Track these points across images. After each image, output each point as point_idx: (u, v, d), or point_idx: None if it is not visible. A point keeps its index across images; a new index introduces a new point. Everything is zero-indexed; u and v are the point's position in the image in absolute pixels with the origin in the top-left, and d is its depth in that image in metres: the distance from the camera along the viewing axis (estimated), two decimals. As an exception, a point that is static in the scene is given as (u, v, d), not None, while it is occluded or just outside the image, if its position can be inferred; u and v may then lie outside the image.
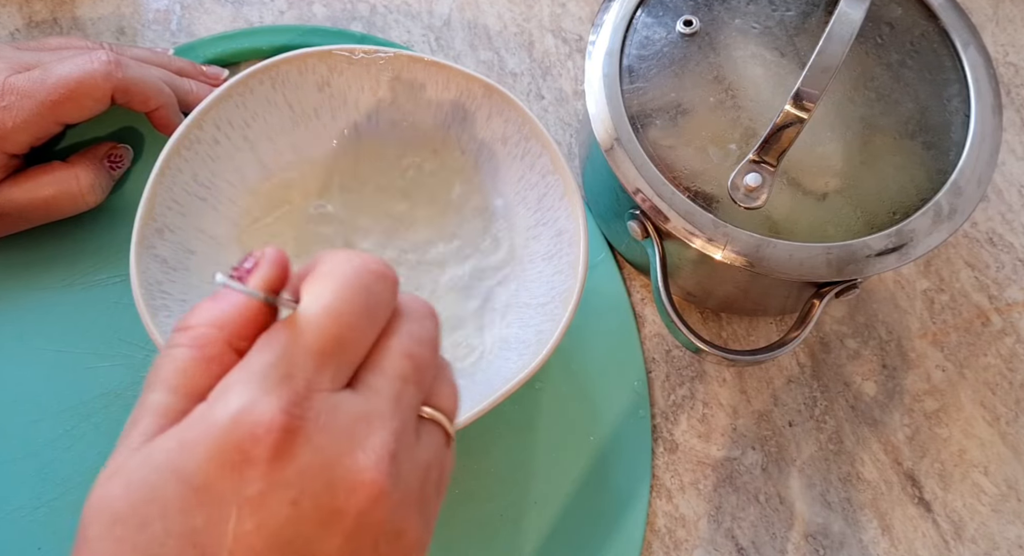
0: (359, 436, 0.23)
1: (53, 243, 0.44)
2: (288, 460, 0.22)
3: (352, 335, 0.23)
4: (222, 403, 0.22)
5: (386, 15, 0.52)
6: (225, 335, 0.24)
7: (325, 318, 0.23)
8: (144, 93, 0.41)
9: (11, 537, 0.39)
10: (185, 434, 0.22)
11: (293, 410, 0.22)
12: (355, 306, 0.23)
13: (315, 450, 0.22)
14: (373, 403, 0.23)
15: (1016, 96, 0.53)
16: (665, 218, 0.38)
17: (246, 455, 0.21)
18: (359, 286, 0.24)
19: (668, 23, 0.41)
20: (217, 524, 0.21)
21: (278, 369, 0.22)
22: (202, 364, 0.23)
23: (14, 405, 0.41)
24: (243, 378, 0.22)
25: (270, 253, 0.25)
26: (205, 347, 0.23)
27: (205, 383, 0.23)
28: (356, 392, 0.23)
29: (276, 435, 0.21)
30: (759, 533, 0.43)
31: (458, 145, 0.44)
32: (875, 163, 0.39)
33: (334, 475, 0.22)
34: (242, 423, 0.21)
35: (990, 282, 0.48)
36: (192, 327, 0.24)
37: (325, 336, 0.23)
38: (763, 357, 0.38)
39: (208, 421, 0.22)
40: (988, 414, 0.45)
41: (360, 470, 0.22)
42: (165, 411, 0.23)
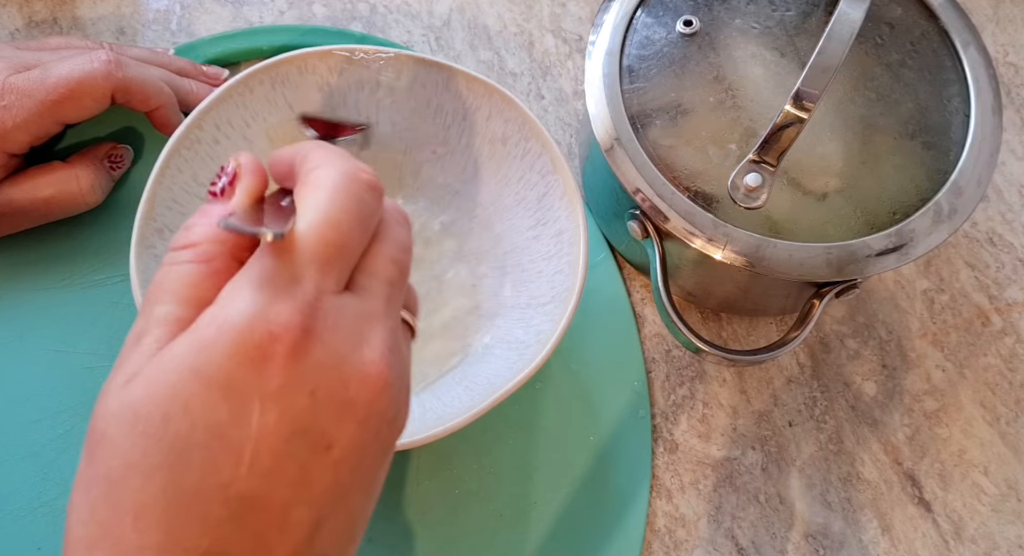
0: (363, 333, 0.24)
1: (53, 243, 0.44)
2: (304, 356, 0.23)
3: (349, 242, 0.25)
4: (235, 305, 0.23)
5: (386, 15, 0.52)
6: (227, 248, 0.25)
7: (325, 227, 0.24)
8: (144, 92, 0.41)
9: (11, 537, 0.39)
10: (200, 336, 0.23)
11: (306, 310, 0.23)
12: (350, 215, 0.25)
13: (327, 347, 0.23)
14: (370, 304, 0.25)
15: (1016, 96, 0.53)
16: (665, 218, 0.38)
17: (265, 352, 0.22)
18: (353, 195, 0.25)
19: (668, 23, 0.41)
20: (240, 416, 0.22)
21: (285, 273, 0.23)
22: (209, 276, 0.24)
23: (14, 405, 0.41)
24: (252, 282, 0.23)
25: (246, 163, 0.26)
26: (212, 261, 0.25)
27: (212, 293, 0.24)
28: (355, 294, 0.25)
29: (294, 333, 0.23)
30: (759, 533, 0.43)
31: (458, 145, 0.44)
32: (875, 163, 0.39)
33: (345, 369, 0.24)
34: (260, 323, 0.23)
35: (990, 282, 0.48)
36: (193, 243, 0.25)
37: (326, 243, 0.24)
38: (763, 357, 0.38)
39: (223, 322, 0.23)
40: (988, 414, 0.45)
41: (367, 363, 0.24)
42: (176, 320, 0.24)
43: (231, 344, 0.22)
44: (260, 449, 0.22)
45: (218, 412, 0.22)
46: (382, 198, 0.26)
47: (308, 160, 0.26)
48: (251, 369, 0.22)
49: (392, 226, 0.27)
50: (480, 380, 0.39)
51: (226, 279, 0.24)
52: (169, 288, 0.24)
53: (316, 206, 0.24)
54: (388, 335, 0.25)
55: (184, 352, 0.23)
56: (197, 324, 0.23)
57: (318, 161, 0.26)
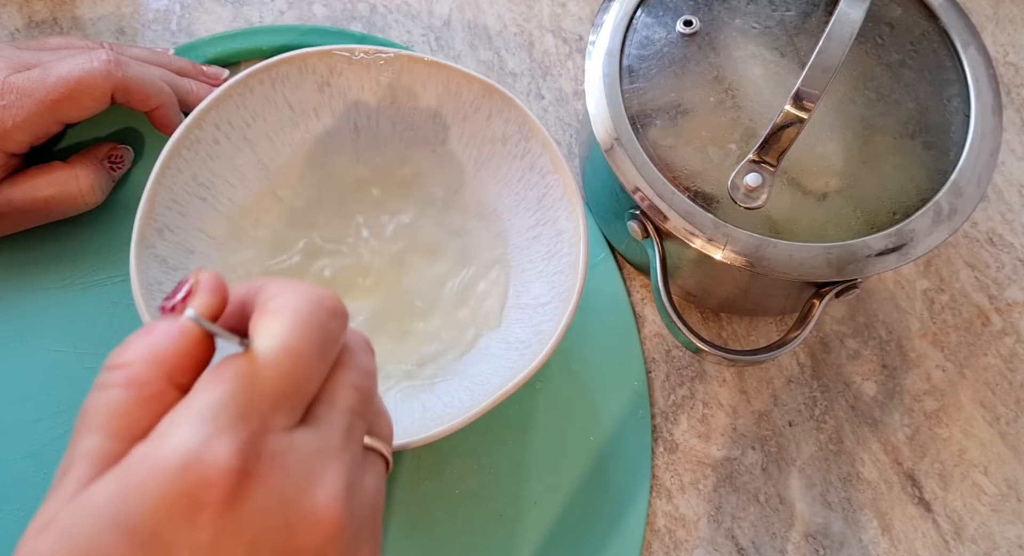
0: (314, 473, 0.22)
1: (53, 243, 0.44)
2: (243, 503, 0.21)
3: (309, 374, 0.23)
4: (169, 443, 0.21)
5: (386, 15, 0.52)
6: (165, 371, 0.22)
7: (284, 358, 0.22)
8: (144, 92, 0.41)
9: (11, 537, 0.39)
10: (126, 478, 0.21)
11: (248, 452, 0.21)
12: (312, 345, 0.23)
13: (271, 491, 0.21)
14: (326, 438, 0.23)
15: (1016, 96, 0.53)
16: (665, 218, 0.38)
17: (197, 501, 0.20)
18: (316, 324, 0.23)
19: (668, 23, 0.41)
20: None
21: (232, 409, 0.21)
22: (140, 404, 0.22)
23: (14, 405, 0.41)
24: (191, 416, 0.21)
25: (205, 278, 0.24)
26: (143, 386, 0.22)
27: (145, 424, 0.22)
28: (309, 427, 0.23)
29: (230, 478, 0.20)
30: (759, 533, 0.43)
31: (458, 145, 0.44)
32: (875, 163, 0.39)
33: (291, 515, 0.21)
34: (193, 466, 0.20)
35: (990, 282, 0.48)
36: (126, 364, 0.22)
37: (283, 376, 0.22)
38: (763, 357, 0.38)
39: (153, 463, 0.20)
40: (988, 414, 0.45)
41: (318, 506, 0.22)
42: (101, 456, 0.21)
43: (158, 490, 0.20)
44: None
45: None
46: (346, 324, 0.25)
47: (265, 290, 0.24)
48: (180, 520, 0.20)
49: (355, 352, 0.25)
50: (480, 380, 0.39)
51: (160, 407, 0.22)
52: (97, 417, 0.22)
53: (276, 334, 0.22)
54: (344, 471, 0.23)
55: (105, 498, 0.20)
56: (126, 462, 0.21)
57: (278, 290, 0.24)
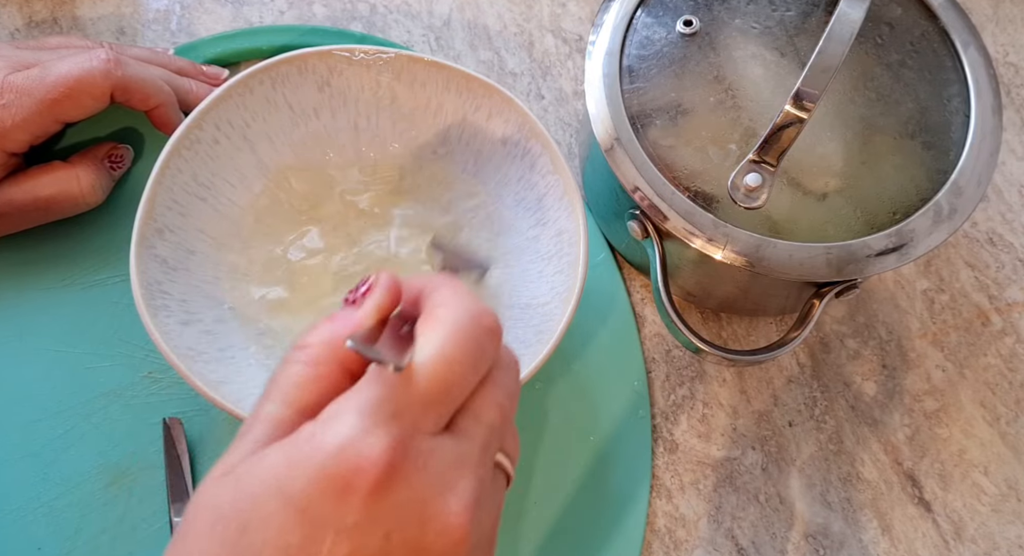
0: (451, 480, 0.24)
1: (53, 243, 0.44)
2: (386, 495, 0.23)
3: (460, 384, 0.25)
4: (332, 429, 0.23)
5: (386, 15, 0.52)
6: (339, 357, 0.25)
7: (440, 366, 0.24)
8: (144, 91, 0.41)
9: (11, 537, 0.39)
10: (293, 452, 0.23)
11: (398, 448, 0.23)
12: (466, 358, 0.25)
13: (411, 489, 0.23)
14: (466, 448, 0.25)
15: (1016, 96, 0.53)
16: (665, 218, 0.38)
17: (348, 484, 0.22)
18: (472, 339, 0.25)
19: (668, 23, 0.41)
20: (311, 544, 0.22)
21: (388, 406, 0.23)
22: (316, 381, 0.25)
23: (14, 405, 0.41)
24: (353, 407, 0.23)
25: (383, 279, 0.27)
26: (320, 365, 0.25)
27: (317, 400, 0.24)
28: (452, 436, 0.25)
29: (380, 470, 0.22)
30: (759, 533, 0.43)
31: (458, 145, 0.44)
32: (875, 163, 0.39)
33: (426, 515, 0.23)
34: (349, 453, 0.22)
35: (990, 282, 0.48)
36: (309, 345, 0.25)
37: (436, 383, 0.24)
38: (763, 357, 0.38)
39: (316, 444, 0.23)
40: (988, 414, 0.45)
41: (450, 513, 0.23)
42: (277, 422, 0.24)
43: (318, 469, 0.22)
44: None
45: (291, 535, 0.22)
46: (499, 344, 0.26)
47: (436, 294, 0.26)
48: (332, 498, 0.22)
49: (503, 370, 0.27)
50: (480, 380, 0.39)
51: (331, 386, 0.25)
52: (279, 387, 0.25)
53: (436, 343, 0.24)
54: (477, 485, 0.24)
55: (275, 464, 0.23)
56: (296, 436, 0.24)
57: (446, 298, 0.26)
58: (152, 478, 0.40)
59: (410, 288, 0.27)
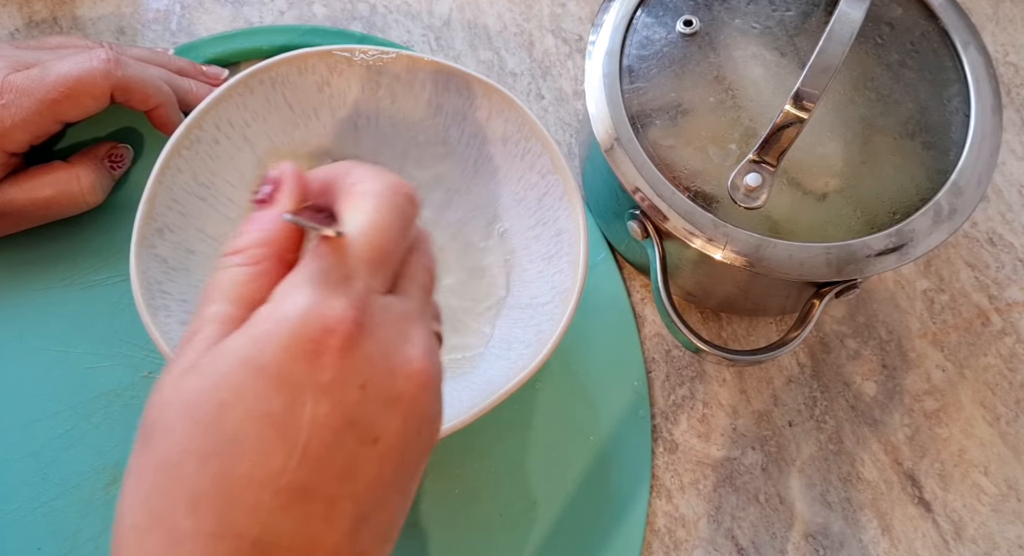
0: (407, 332, 0.26)
1: (53, 243, 0.44)
2: (356, 350, 0.24)
3: (393, 248, 0.26)
4: (290, 300, 0.24)
5: (386, 15, 0.52)
6: (274, 250, 0.26)
7: (373, 232, 0.25)
8: (144, 91, 0.41)
9: (11, 537, 0.39)
10: (255, 329, 0.24)
11: (358, 305, 0.24)
12: (394, 222, 0.26)
13: (376, 342, 0.24)
14: (411, 305, 0.26)
15: (1016, 96, 0.53)
16: (665, 218, 0.38)
17: (320, 345, 0.23)
18: (395, 205, 0.26)
19: (668, 23, 0.41)
20: (293, 408, 0.23)
21: (338, 272, 0.25)
22: (257, 277, 0.26)
23: (14, 405, 0.41)
24: (305, 280, 0.24)
25: (288, 169, 0.27)
26: (258, 262, 0.26)
27: (263, 293, 0.25)
28: (397, 295, 0.26)
29: (347, 326, 0.24)
30: (759, 533, 0.43)
31: (458, 145, 0.44)
32: (875, 163, 0.39)
33: (392, 363, 0.25)
34: (315, 317, 0.24)
35: (990, 282, 0.48)
36: (242, 249, 0.26)
37: (376, 247, 0.25)
38: (763, 357, 0.38)
39: (278, 317, 0.24)
40: (988, 414, 0.45)
41: (412, 359, 0.25)
42: (227, 319, 0.25)
43: (287, 337, 0.23)
44: (311, 440, 0.23)
45: (272, 402, 0.23)
46: (419, 209, 0.28)
47: (349, 176, 0.27)
48: (305, 361, 0.23)
49: (423, 239, 0.29)
50: (480, 380, 0.39)
51: (274, 279, 0.26)
52: (220, 289, 0.26)
53: (364, 213, 0.26)
54: (427, 335, 0.26)
55: (240, 345, 0.24)
56: (253, 319, 0.24)
57: (361, 176, 0.27)
58: (152, 478, 0.40)
59: (315, 178, 0.28)
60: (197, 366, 0.24)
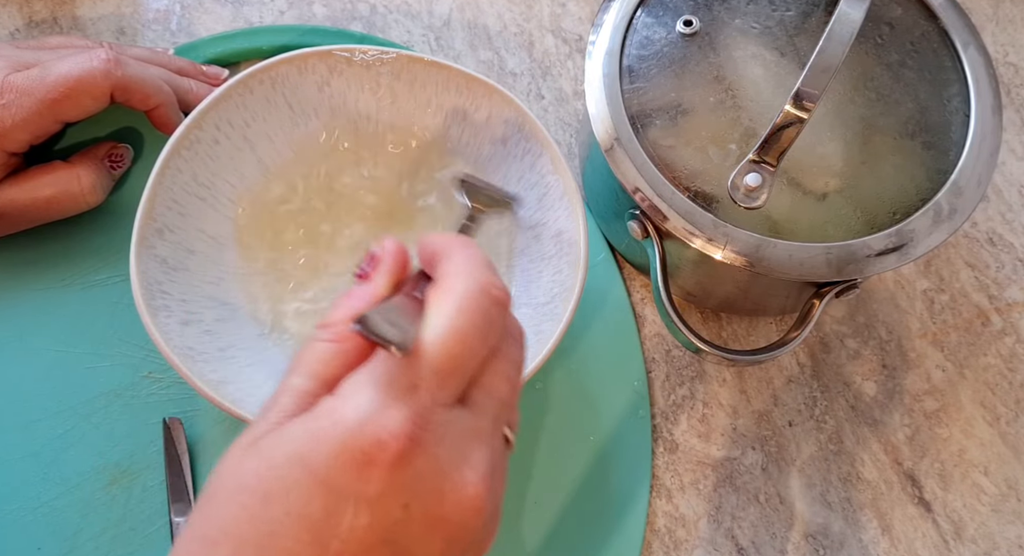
0: (467, 451, 0.25)
1: (53, 243, 0.44)
2: (407, 466, 0.23)
3: (470, 357, 0.25)
4: (351, 403, 0.24)
5: (386, 15, 0.52)
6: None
7: (451, 339, 0.24)
8: (144, 91, 0.41)
9: (11, 537, 0.39)
10: (314, 425, 0.24)
11: (417, 421, 0.23)
12: (476, 330, 0.25)
13: (430, 460, 0.24)
14: (479, 421, 0.25)
15: (1016, 96, 0.53)
16: (665, 218, 0.38)
17: (370, 457, 0.23)
18: (480, 311, 0.25)
19: (668, 23, 0.41)
20: (334, 515, 0.23)
21: (405, 379, 0.24)
22: (340, 355, 0.26)
23: (14, 405, 0.41)
24: (370, 381, 0.24)
25: (390, 248, 0.28)
26: (343, 341, 0.26)
27: (340, 373, 0.25)
28: (466, 409, 0.25)
29: (401, 443, 0.23)
30: (759, 533, 0.43)
31: (458, 145, 0.44)
32: (875, 163, 0.39)
33: (444, 485, 0.24)
34: (370, 427, 0.23)
35: (990, 282, 0.48)
36: (332, 324, 0.26)
37: (449, 355, 0.24)
38: (763, 357, 0.38)
39: (336, 418, 0.24)
40: (988, 414, 0.45)
41: (467, 483, 0.24)
42: (302, 393, 0.25)
43: (340, 442, 0.23)
44: (344, 550, 0.23)
45: (314, 505, 0.23)
46: (507, 314, 0.27)
47: (449, 260, 0.27)
48: (354, 470, 0.23)
49: (510, 342, 0.27)
50: (480, 380, 0.39)
51: (354, 360, 0.25)
52: (304, 362, 0.26)
53: (446, 314, 0.25)
54: (491, 456, 0.25)
55: (297, 437, 0.24)
56: (317, 410, 0.24)
57: (458, 267, 0.26)
58: (152, 478, 0.40)
59: (426, 248, 0.28)
60: (258, 446, 0.24)
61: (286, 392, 0.25)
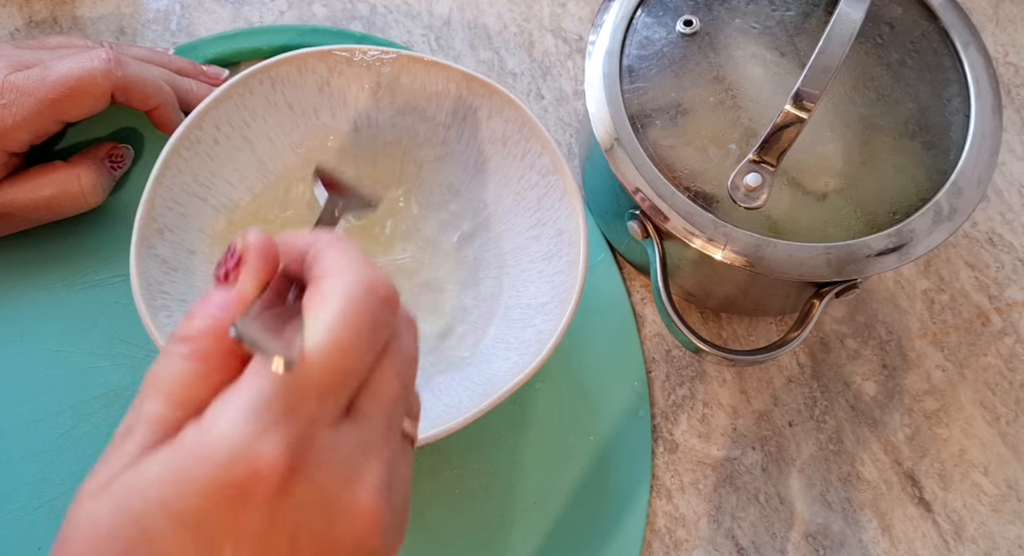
0: (356, 468, 0.22)
1: (53, 243, 0.44)
2: (288, 496, 0.21)
3: (355, 366, 0.23)
4: (219, 432, 0.21)
5: (386, 15, 0.52)
6: (226, 344, 0.23)
7: (333, 352, 0.22)
8: (144, 91, 0.41)
9: (11, 537, 0.39)
10: (177, 461, 0.21)
11: (296, 446, 0.21)
12: (362, 338, 0.22)
13: (313, 486, 0.22)
14: (369, 432, 0.23)
15: (1016, 96, 0.53)
16: (665, 218, 0.38)
17: (246, 492, 0.21)
18: (367, 315, 0.23)
19: (668, 23, 0.41)
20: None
21: (280, 402, 0.21)
22: (202, 377, 0.23)
23: (14, 405, 0.41)
24: (244, 406, 0.21)
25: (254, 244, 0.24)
26: (206, 360, 0.23)
27: (205, 395, 0.22)
28: (353, 421, 0.23)
29: (280, 473, 0.21)
30: (759, 533, 0.43)
31: (458, 145, 0.44)
32: (875, 163, 0.39)
33: (332, 509, 0.22)
34: (243, 458, 0.21)
35: (990, 282, 0.48)
36: (191, 338, 0.23)
37: (332, 370, 0.22)
38: (763, 357, 0.38)
39: (203, 452, 0.21)
40: (988, 414, 0.45)
41: (358, 502, 0.22)
42: (162, 422, 0.22)
43: (209, 480, 0.21)
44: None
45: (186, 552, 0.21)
46: (396, 312, 0.24)
47: (323, 259, 0.24)
48: (228, 509, 0.21)
49: (401, 336, 0.25)
50: (480, 380, 0.39)
51: (220, 379, 0.23)
52: (161, 385, 0.23)
53: (327, 324, 0.22)
54: (384, 468, 0.23)
55: (158, 478, 0.21)
56: (179, 441, 0.21)
57: (334, 265, 0.23)
58: (152, 478, 0.40)
59: (291, 247, 0.25)
60: (112, 490, 0.21)
61: (141, 420, 0.22)
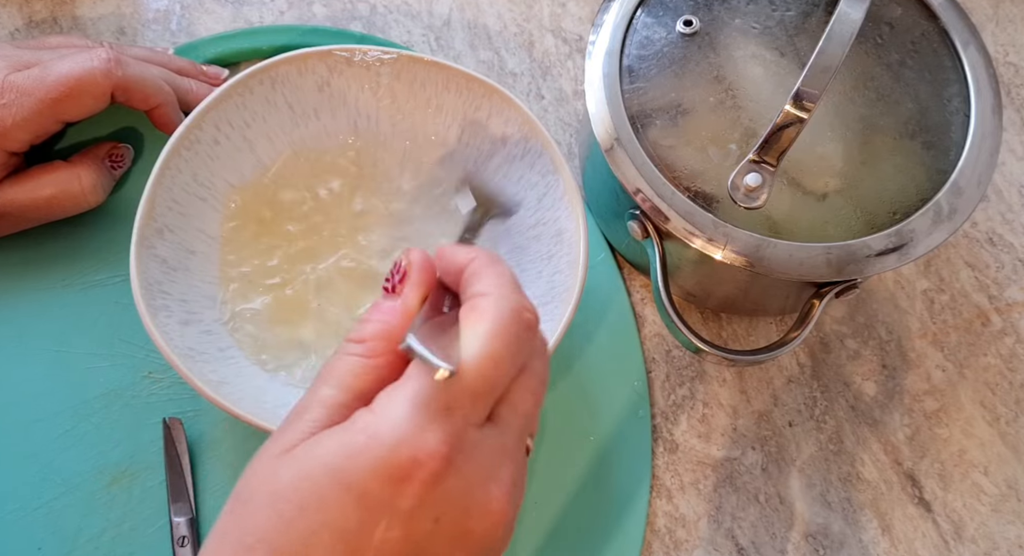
0: (494, 468, 0.26)
1: (53, 243, 0.44)
2: (439, 484, 0.25)
3: (502, 378, 0.26)
4: (389, 418, 0.25)
5: (386, 15, 0.52)
6: (394, 346, 0.27)
7: (486, 363, 0.25)
8: (144, 91, 0.41)
9: (11, 537, 0.39)
10: (350, 441, 0.25)
11: (452, 441, 0.25)
12: (508, 354, 0.26)
13: (460, 477, 0.25)
14: (505, 438, 0.27)
15: (1016, 96, 0.53)
16: (665, 218, 0.38)
17: (407, 474, 0.24)
18: (514, 335, 0.26)
19: (668, 23, 0.41)
20: (367, 527, 0.24)
21: (441, 399, 0.25)
22: (372, 370, 0.27)
23: (14, 405, 0.41)
24: (409, 400, 0.25)
25: (416, 261, 0.28)
26: (376, 356, 0.27)
27: (373, 386, 0.26)
28: (495, 426, 0.27)
29: (437, 463, 0.24)
30: (759, 533, 0.43)
31: (458, 145, 0.44)
32: (875, 163, 0.39)
33: (471, 501, 0.25)
34: (407, 446, 0.24)
35: (990, 282, 0.48)
36: (364, 340, 0.27)
37: (484, 378, 0.25)
38: (763, 357, 0.38)
39: (374, 433, 0.25)
40: (988, 414, 0.45)
41: (492, 498, 0.26)
42: (335, 405, 0.26)
43: (377, 458, 0.24)
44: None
45: (348, 518, 0.24)
46: (537, 336, 0.28)
47: (479, 280, 0.27)
48: (389, 486, 0.24)
49: (536, 358, 0.28)
50: (480, 380, 0.39)
51: (387, 374, 0.27)
52: (336, 374, 0.27)
53: (480, 339, 0.26)
54: (515, 470, 0.27)
55: (334, 450, 0.25)
56: (352, 423, 0.25)
57: (488, 287, 0.27)
58: (152, 478, 0.40)
59: (449, 262, 0.29)
60: (294, 455, 0.25)
61: (317, 403, 0.26)
